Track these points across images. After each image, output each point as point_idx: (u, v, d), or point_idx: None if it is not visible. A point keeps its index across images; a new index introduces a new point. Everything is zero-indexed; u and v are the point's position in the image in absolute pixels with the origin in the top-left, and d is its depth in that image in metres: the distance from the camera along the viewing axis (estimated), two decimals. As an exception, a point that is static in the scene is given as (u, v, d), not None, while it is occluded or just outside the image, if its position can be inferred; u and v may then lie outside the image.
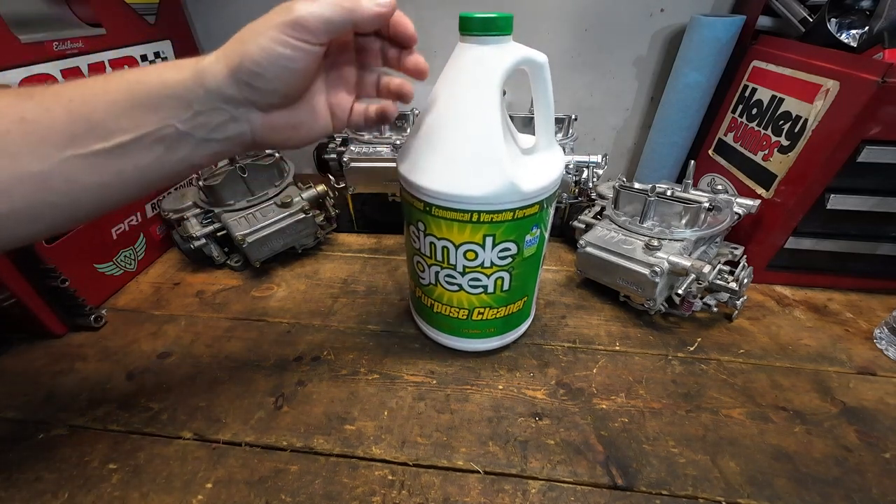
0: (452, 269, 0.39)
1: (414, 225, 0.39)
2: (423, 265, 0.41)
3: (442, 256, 0.38)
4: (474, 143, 0.33)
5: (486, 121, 0.33)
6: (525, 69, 0.33)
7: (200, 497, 0.35)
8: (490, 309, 0.42)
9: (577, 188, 0.64)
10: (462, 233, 0.36)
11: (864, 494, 0.35)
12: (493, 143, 0.33)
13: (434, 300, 0.43)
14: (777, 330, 0.51)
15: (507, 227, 0.36)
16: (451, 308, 0.43)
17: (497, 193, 0.33)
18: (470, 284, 0.40)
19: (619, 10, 0.70)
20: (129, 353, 0.48)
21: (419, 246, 0.40)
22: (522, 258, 0.39)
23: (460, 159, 0.33)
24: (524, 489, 0.35)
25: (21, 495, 0.35)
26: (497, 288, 0.40)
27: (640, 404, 0.42)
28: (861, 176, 0.48)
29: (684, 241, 0.50)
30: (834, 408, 0.42)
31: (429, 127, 0.34)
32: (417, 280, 0.44)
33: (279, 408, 0.42)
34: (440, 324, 0.46)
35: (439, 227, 0.36)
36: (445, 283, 0.40)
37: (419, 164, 0.35)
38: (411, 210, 0.38)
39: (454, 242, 0.37)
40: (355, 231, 0.72)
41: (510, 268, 0.39)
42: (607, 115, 0.82)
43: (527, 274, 0.41)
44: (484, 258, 0.37)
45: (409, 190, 0.36)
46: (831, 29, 0.54)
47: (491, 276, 0.39)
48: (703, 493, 0.35)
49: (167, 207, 0.60)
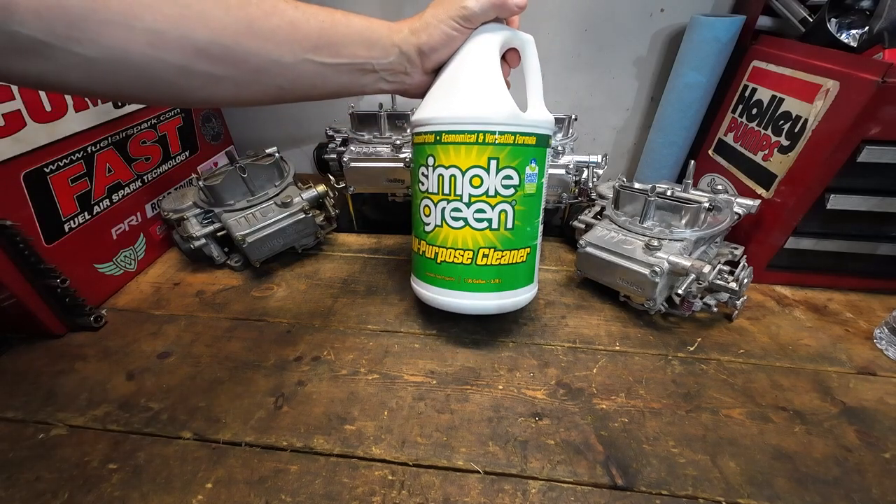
0: (459, 200, 0.41)
1: (424, 165, 0.42)
2: (429, 207, 0.43)
3: (449, 187, 0.41)
4: (479, 76, 0.39)
5: (489, 63, 0.39)
6: (517, 47, 0.41)
7: (200, 497, 0.35)
8: (494, 251, 0.43)
9: (577, 188, 0.64)
10: (469, 155, 0.40)
11: (864, 494, 0.35)
12: (494, 77, 0.39)
13: (438, 246, 0.44)
14: (777, 330, 0.51)
15: (509, 151, 0.40)
16: (456, 252, 0.43)
17: (500, 115, 0.39)
18: (475, 217, 0.42)
19: (619, 10, 0.70)
20: (129, 353, 0.48)
21: (427, 186, 0.43)
22: (524, 192, 0.42)
23: (467, 89, 0.39)
24: (524, 489, 0.35)
25: (21, 495, 0.35)
26: (501, 224, 0.42)
27: (640, 404, 0.42)
28: (861, 176, 0.48)
29: (684, 241, 0.50)
30: (834, 408, 0.42)
31: (441, 79, 0.41)
32: (422, 230, 0.45)
33: (279, 408, 0.42)
34: (443, 277, 0.44)
35: (447, 153, 0.40)
36: (451, 219, 0.42)
37: (432, 103, 0.41)
38: (422, 150, 0.42)
39: (461, 168, 0.40)
40: (355, 231, 0.73)
41: (512, 200, 0.41)
42: (607, 115, 0.82)
43: (529, 214, 0.43)
44: (489, 184, 0.41)
45: (421, 128, 0.42)
46: (831, 29, 0.54)
47: (495, 206, 0.41)
48: (703, 493, 0.35)
49: (167, 207, 0.60)
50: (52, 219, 0.49)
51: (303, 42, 0.32)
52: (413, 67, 0.39)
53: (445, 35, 0.37)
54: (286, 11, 0.31)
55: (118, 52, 0.25)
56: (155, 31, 0.25)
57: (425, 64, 0.39)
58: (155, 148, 0.64)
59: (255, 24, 0.29)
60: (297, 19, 0.31)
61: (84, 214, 0.53)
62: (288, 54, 0.32)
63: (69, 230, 0.51)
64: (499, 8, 0.36)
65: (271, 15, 0.30)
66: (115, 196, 0.57)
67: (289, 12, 0.31)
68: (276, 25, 0.30)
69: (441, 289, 0.45)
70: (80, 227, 0.52)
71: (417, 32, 0.37)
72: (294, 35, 0.31)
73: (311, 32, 0.32)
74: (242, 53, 0.29)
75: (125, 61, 0.26)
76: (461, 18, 0.36)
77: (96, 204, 0.54)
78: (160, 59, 0.26)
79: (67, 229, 0.51)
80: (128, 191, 0.59)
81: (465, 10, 0.36)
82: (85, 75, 0.26)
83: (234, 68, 0.30)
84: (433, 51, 0.38)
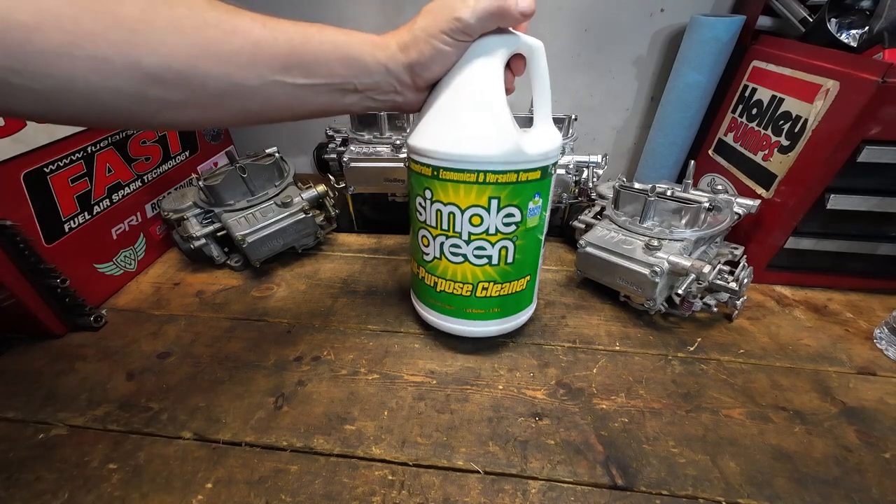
0: (458, 237, 0.39)
1: (421, 195, 0.39)
2: (427, 238, 0.41)
3: (448, 224, 0.39)
4: (480, 107, 0.35)
5: (491, 89, 0.35)
6: (524, 54, 0.36)
7: (200, 497, 0.35)
8: (494, 284, 0.42)
9: (577, 188, 0.64)
10: (468, 195, 0.37)
11: (864, 494, 0.35)
12: (497, 107, 0.35)
13: (438, 277, 0.43)
14: (777, 330, 0.51)
15: (511, 189, 0.37)
16: (455, 284, 0.42)
17: (502, 152, 0.35)
18: (475, 254, 0.40)
19: (619, 10, 0.70)
20: (129, 353, 0.48)
21: (425, 217, 0.40)
22: (526, 227, 0.40)
23: (467, 122, 0.35)
24: (524, 489, 0.35)
25: (21, 495, 0.35)
26: (501, 259, 0.41)
27: (640, 404, 0.42)
28: (861, 176, 0.48)
29: (684, 241, 0.50)
30: (834, 408, 0.42)
31: (439, 102, 0.37)
32: (421, 257, 0.44)
33: (279, 408, 0.42)
34: (443, 304, 0.45)
35: (446, 190, 0.37)
36: (450, 254, 0.41)
37: (428, 131, 0.37)
38: (419, 179, 0.39)
39: (460, 206, 0.38)
40: (355, 231, 0.73)
41: (514, 237, 0.40)
42: (607, 115, 0.82)
43: (529, 247, 0.42)
44: (489, 223, 0.38)
45: (418, 157, 0.38)
46: (831, 29, 0.54)
47: (496, 244, 0.39)
48: (703, 493, 0.35)
49: (167, 207, 0.60)
50: (52, 219, 0.49)
51: (270, 63, 0.29)
52: (404, 86, 0.35)
53: (438, 51, 0.33)
54: (251, 31, 0.28)
55: (62, 82, 0.24)
56: (100, 59, 0.24)
57: (418, 82, 0.35)
58: (155, 148, 0.64)
59: (214, 47, 0.27)
60: (262, 39, 0.29)
61: (84, 214, 0.53)
62: (253, 77, 0.29)
63: (69, 230, 0.51)
64: (499, 17, 0.32)
65: (232, 35, 0.28)
66: (115, 196, 0.57)
67: (254, 31, 0.28)
68: (237, 47, 0.28)
69: (441, 314, 0.46)
70: (80, 227, 0.52)
71: (406, 49, 0.33)
72: (259, 56, 0.29)
73: (279, 52, 0.29)
74: (200, 78, 0.27)
75: (70, 90, 0.24)
76: (455, 32, 0.32)
77: (96, 204, 0.54)
78: (108, 87, 0.25)
79: (67, 229, 0.51)
80: (128, 191, 0.59)
81: (458, 23, 0.31)
82: (31, 105, 0.24)
83: (191, 93, 0.28)
84: (425, 69, 0.34)
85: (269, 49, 0.29)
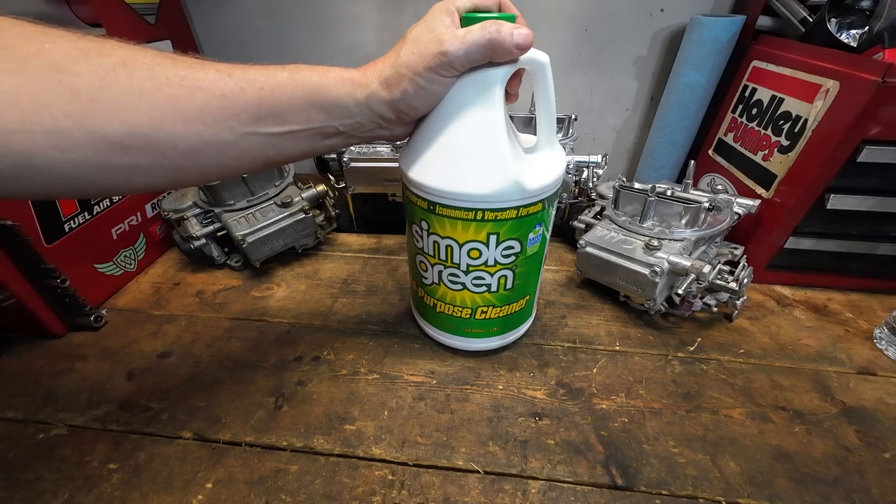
0: (456, 267, 0.39)
1: (417, 224, 0.38)
2: (426, 265, 0.41)
3: (446, 255, 0.38)
4: (478, 141, 0.33)
5: (490, 120, 0.33)
6: (527, 68, 0.33)
7: (200, 497, 0.35)
8: (493, 308, 0.42)
9: (577, 188, 0.64)
10: (466, 231, 0.36)
11: (864, 494, 0.35)
12: (496, 141, 0.33)
13: (437, 300, 0.43)
14: (777, 330, 0.51)
15: (511, 224, 0.36)
16: (454, 307, 0.43)
17: (501, 191, 0.33)
18: (473, 283, 0.40)
19: (619, 10, 0.70)
20: (129, 353, 0.48)
21: (422, 245, 0.40)
22: (525, 256, 0.39)
23: (464, 158, 0.33)
24: (524, 489, 0.35)
25: (21, 495, 0.35)
26: (500, 287, 0.40)
27: (640, 404, 0.42)
28: (861, 176, 0.48)
29: (684, 241, 0.50)
30: (834, 408, 0.42)
31: (432, 126, 0.34)
32: (420, 280, 0.43)
33: (279, 408, 0.42)
34: (442, 323, 0.45)
35: (443, 225, 0.36)
36: (449, 282, 0.40)
37: (423, 163, 0.35)
38: (414, 209, 0.38)
39: (458, 241, 0.37)
40: (355, 231, 0.72)
41: (513, 266, 0.39)
42: (607, 115, 0.82)
43: (529, 272, 0.41)
44: (488, 256, 0.38)
45: (413, 189, 0.36)
46: (831, 29, 0.54)
47: (494, 274, 0.39)
48: (703, 493, 0.35)
49: (167, 207, 0.60)
50: (51, 219, 0.49)
51: (240, 115, 0.28)
52: (389, 122, 0.33)
53: (422, 89, 0.30)
54: (216, 83, 0.27)
55: (21, 159, 0.22)
56: (58, 132, 0.23)
57: (404, 118, 0.33)
58: (155, 148, 0.64)
59: (179, 106, 0.26)
60: (229, 91, 0.27)
61: (84, 214, 0.53)
62: (223, 131, 0.27)
63: (69, 230, 0.51)
64: (491, 51, 0.29)
65: (197, 92, 0.26)
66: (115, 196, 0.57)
67: (219, 84, 0.27)
68: (203, 102, 0.26)
69: (442, 332, 0.46)
70: (80, 227, 0.52)
71: (389, 86, 0.30)
72: (228, 110, 0.27)
73: (248, 104, 0.28)
74: (167, 139, 0.26)
75: (31, 167, 0.23)
76: (441, 67, 0.29)
77: (96, 204, 0.54)
78: (70, 160, 0.24)
79: (67, 229, 0.51)
80: (128, 191, 0.59)
81: (444, 57, 0.29)
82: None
83: (161, 156, 0.26)
84: (411, 107, 0.32)
85: (237, 101, 0.27)
